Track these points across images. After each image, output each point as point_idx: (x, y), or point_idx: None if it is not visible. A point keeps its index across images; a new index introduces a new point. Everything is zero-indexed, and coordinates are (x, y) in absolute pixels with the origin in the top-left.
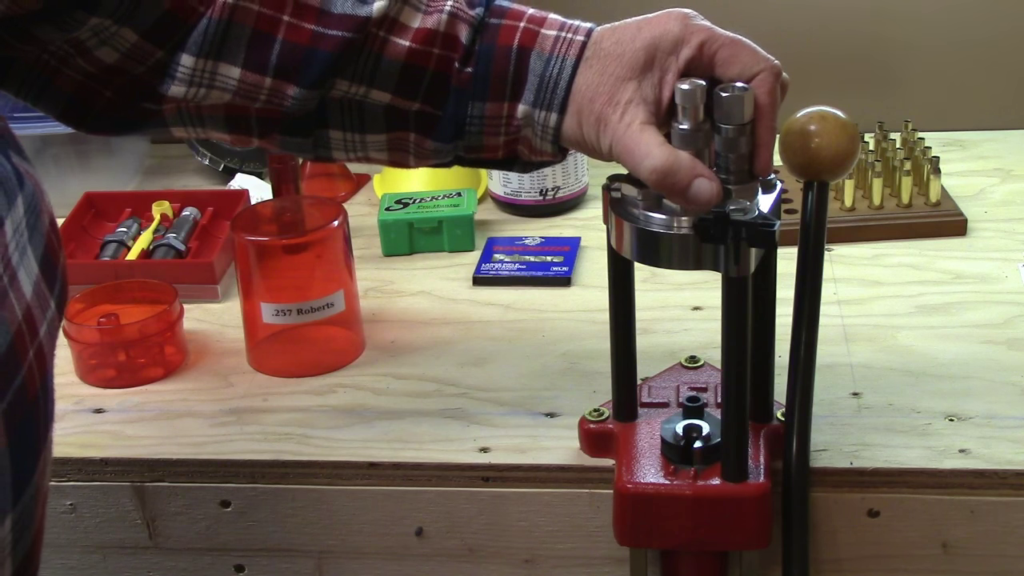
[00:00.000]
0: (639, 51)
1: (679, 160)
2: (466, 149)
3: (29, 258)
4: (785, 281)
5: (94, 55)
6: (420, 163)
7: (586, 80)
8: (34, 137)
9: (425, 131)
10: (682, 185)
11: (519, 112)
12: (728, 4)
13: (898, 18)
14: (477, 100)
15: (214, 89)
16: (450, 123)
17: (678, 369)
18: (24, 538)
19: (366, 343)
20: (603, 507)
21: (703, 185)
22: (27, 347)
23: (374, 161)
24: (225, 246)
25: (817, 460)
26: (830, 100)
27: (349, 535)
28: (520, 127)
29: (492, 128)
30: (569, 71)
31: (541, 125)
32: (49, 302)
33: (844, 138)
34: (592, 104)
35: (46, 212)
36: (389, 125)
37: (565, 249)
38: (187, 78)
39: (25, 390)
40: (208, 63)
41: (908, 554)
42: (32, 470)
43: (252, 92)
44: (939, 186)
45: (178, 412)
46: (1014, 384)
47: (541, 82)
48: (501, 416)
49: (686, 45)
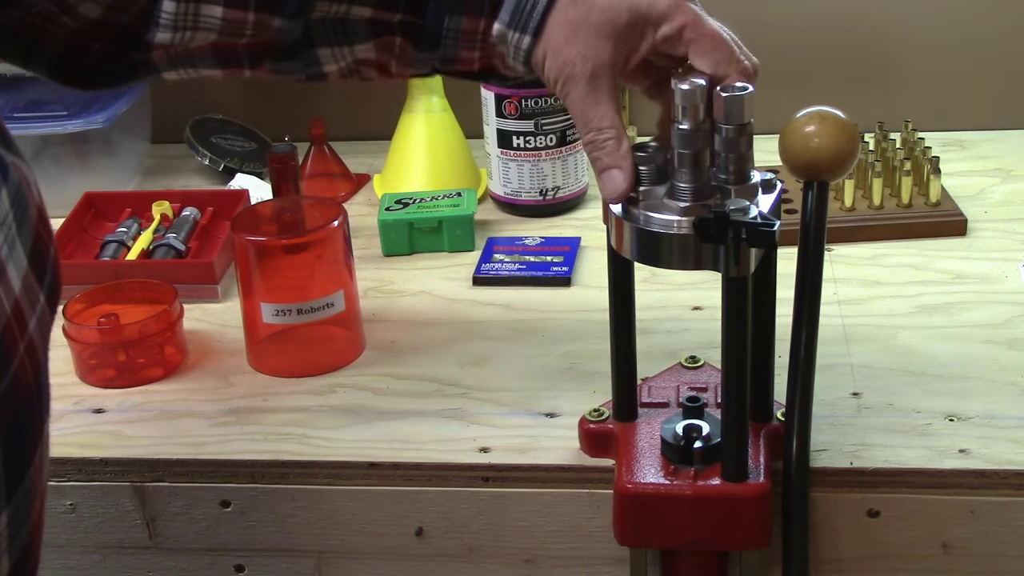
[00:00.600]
0: (624, 10)
1: (614, 144)
2: (442, 60)
3: (18, 251)
4: (785, 281)
5: (78, 12)
6: (400, 71)
7: (567, 17)
8: (34, 137)
9: (410, 36)
10: (602, 166)
11: (494, 30)
12: (728, 4)
13: (898, 18)
14: (454, 14)
15: (199, 30)
16: (428, 34)
17: (678, 369)
18: (21, 533)
19: (366, 343)
20: (603, 507)
21: (614, 177)
22: (17, 341)
23: (362, 65)
24: (225, 246)
25: (817, 460)
26: (830, 100)
27: (349, 535)
28: (495, 44)
29: (468, 42)
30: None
31: (514, 46)
32: (39, 295)
33: (844, 138)
34: (565, 45)
35: (34, 204)
36: (374, 33)
37: (565, 249)
38: (171, 22)
39: (17, 384)
40: (190, 5)
41: (908, 554)
42: (27, 465)
43: (237, 28)
44: (939, 186)
45: (178, 412)
46: (1014, 384)
47: (518, 3)
48: (501, 416)
49: (667, 22)
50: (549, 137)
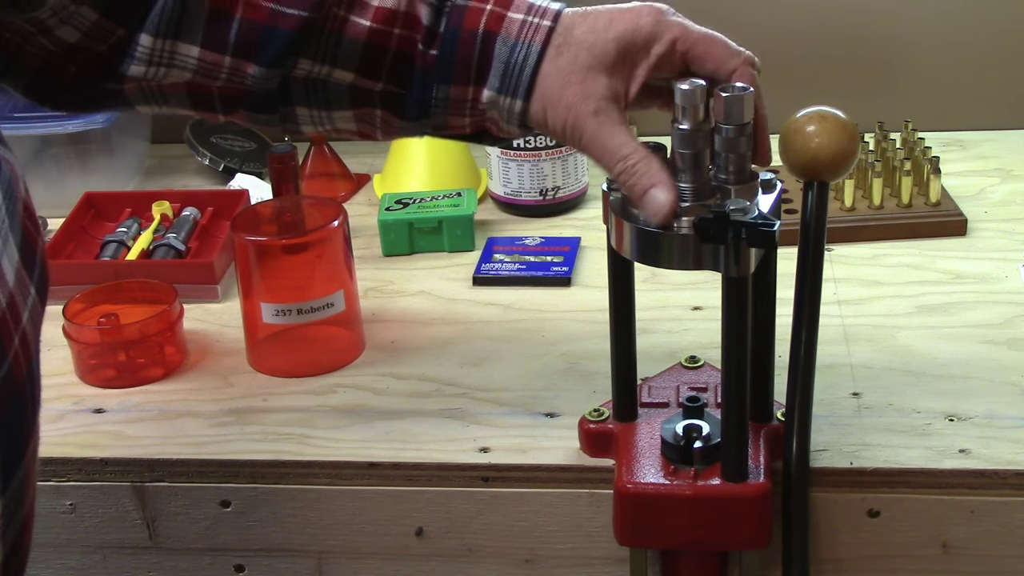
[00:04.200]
0: (610, 43)
1: (644, 166)
2: (433, 128)
3: (10, 245)
4: (785, 281)
5: (55, 34)
6: (388, 137)
7: (557, 67)
8: (34, 137)
9: (391, 108)
10: (641, 188)
11: (484, 97)
12: (729, 4)
13: (898, 18)
14: (441, 83)
15: (174, 68)
16: (415, 104)
17: (678, 369)
18: (14, 524)
19: (366, 343)
20: (603, 507)
21: (658, 195)
22: (12, 333)
23: (343, 133)
24: (225, 246)
25: (817, 460)
26: (830, 100)
27: (349, 535)
28: (485, 110)
29: (457, 110)
30: (535, 58)
31: (507, 111)
32: (30, 288)
33: (844, 138)
34: (562, 92)
35: (21, 199)
36: (355, 102)
37: (565, 249)
38: (146, 57)
39: (12, 376)
40: (167, 43)
41: (908, 554)
42: (21, 456)
43: (212, 71)
44: (939, 186)
45: (178, 412)
46: (1014, 384)
47: (506, 69)
48: (501, 416)
49: (658, 42)
50: (549, 137)
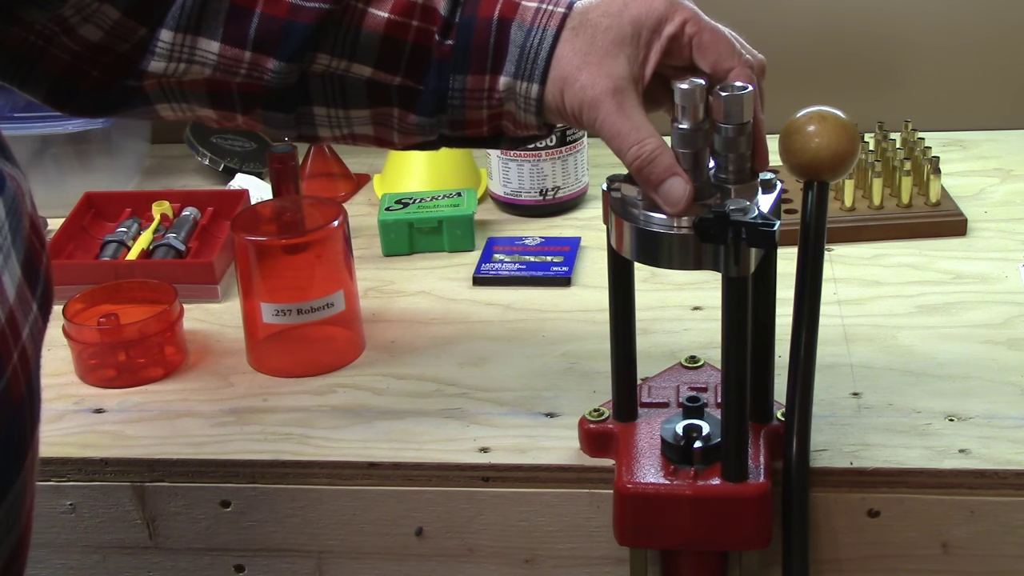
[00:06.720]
0: (626, 25)
1: (663, 153)
2: (450, 125)
3: (12, 261)
4: (785, 281)
5: (78, 33)
6: (405, 140)
7: (573, 48)
8: (34, 137)
9: (408, 105)
10: (658, 178)
11: (500, 84)
12: (729, 4)
13: (898, 18)
14: (458, 73)
15: (194, 64)
16: (432, 96)
17: (678, 369)
18: (11, 535)
19: (366, 343)
20: (603, 507)
21: (677, 184)
22: (11, 350)
23: (359, 139)
24: (225, 246)
25: (817, 460)
26: (830, 100)
27: (349, 535)
28: (502, 100)
29: (474, 101)
30: (550, 41)
31: (523, 96)
32: (32, 304)
33: (844, 138)
34: (579, 72)
35: (27, 215)
36: (372, 100)
37: (565, 249)
38: (166, 53)
39: (10, 392)
40: (187, 37)
41: (908, 554)
42: (18, 471)
43: (232, 66)
44: (939, 186)
45: (178, 412)
46: (1014, 384)
47: (522, 53)
48: (501, 416)
49: (669, 22)
50: (549, 137)
